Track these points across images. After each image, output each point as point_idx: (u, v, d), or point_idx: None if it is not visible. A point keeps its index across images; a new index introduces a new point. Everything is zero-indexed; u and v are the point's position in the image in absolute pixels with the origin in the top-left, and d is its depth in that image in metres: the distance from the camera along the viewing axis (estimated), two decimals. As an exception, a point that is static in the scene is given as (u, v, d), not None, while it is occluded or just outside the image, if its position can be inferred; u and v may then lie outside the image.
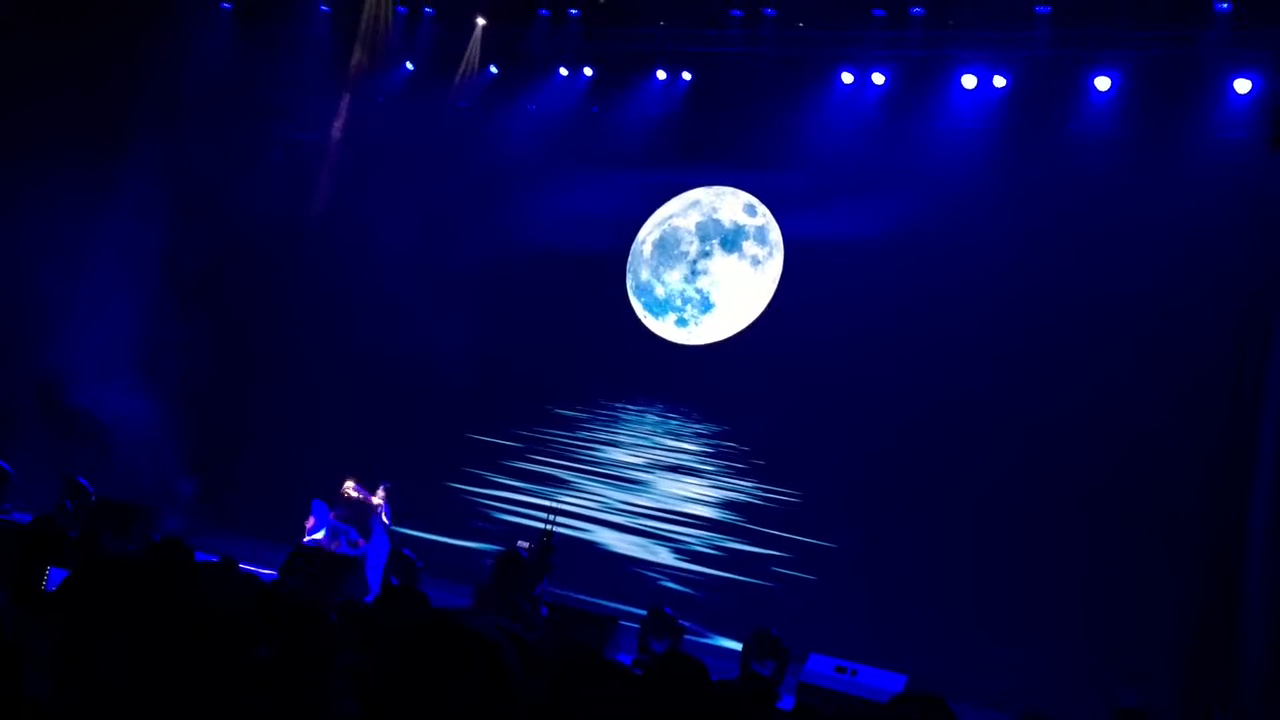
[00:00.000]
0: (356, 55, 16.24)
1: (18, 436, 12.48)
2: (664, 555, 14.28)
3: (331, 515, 13.02)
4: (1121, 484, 12.05)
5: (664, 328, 15.06)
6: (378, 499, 13.01)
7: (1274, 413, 11.31)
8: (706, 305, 14.87)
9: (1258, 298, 11.85)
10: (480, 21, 15.99)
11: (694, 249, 15.10)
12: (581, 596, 12.72)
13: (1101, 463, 12.19)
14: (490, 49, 16.11)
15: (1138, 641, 11.60)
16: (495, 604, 6.98)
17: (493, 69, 16.25)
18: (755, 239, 14.78)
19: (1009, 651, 11.90)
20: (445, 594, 10.63)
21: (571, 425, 15.26)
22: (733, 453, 14.34)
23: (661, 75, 15.39)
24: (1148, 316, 12.24)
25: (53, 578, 4.84)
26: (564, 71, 15.85)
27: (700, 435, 14.60)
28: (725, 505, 14.22)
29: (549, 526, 10.89)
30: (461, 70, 16.12)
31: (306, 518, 13.11)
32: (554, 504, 13.41)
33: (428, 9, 16.11)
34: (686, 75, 15.30)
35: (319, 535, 12.90)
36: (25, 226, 13.41)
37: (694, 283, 14.99)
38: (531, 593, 7.93)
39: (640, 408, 15.01)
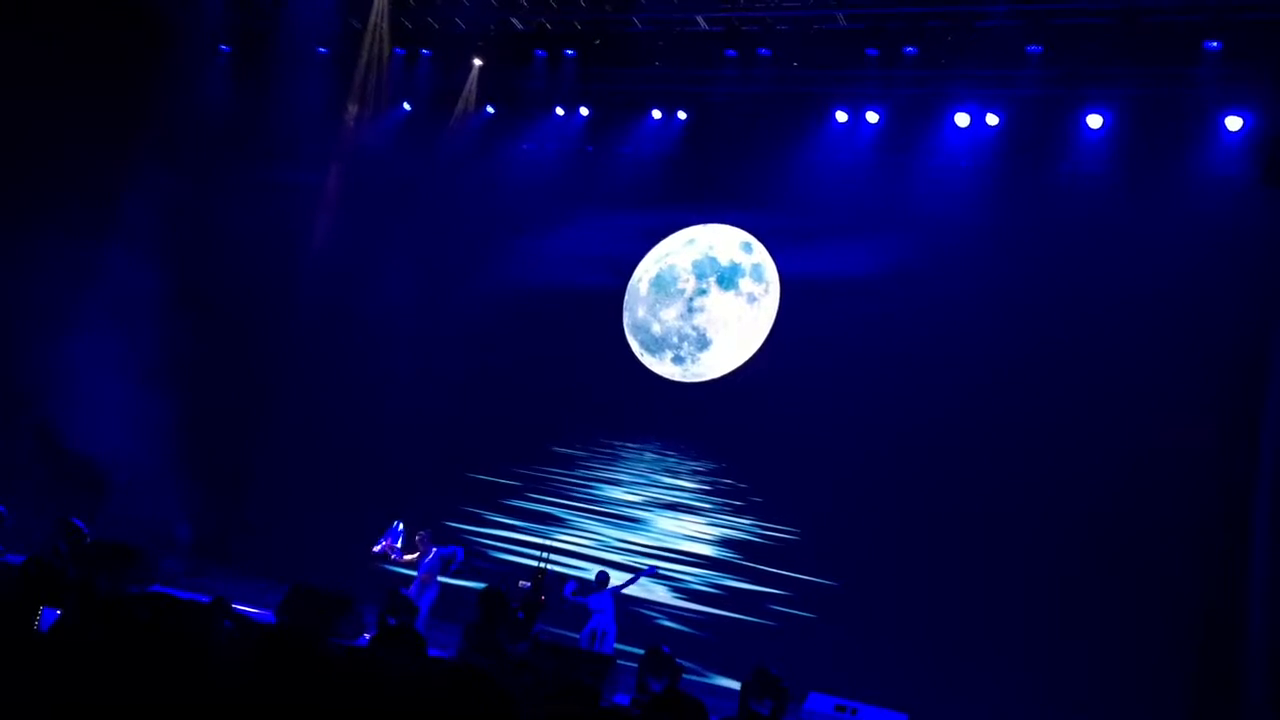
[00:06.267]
0: (354, 97, 16.35)
1: (13, 477, 12.42)
2: (662, 594, 14.21)
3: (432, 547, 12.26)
4: (1123, 516, 12.01)
5: (661, 365, 15.07)
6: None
7: (1272, 447, 11.30)
8: (703, 343, 14.88)
9: (1252, 331, 11.87)
10: (477, 62, 16.13)
11: (690, 286, 15.13)
12: (579, 635, 12.62)
13: (1101, 495, 12.16)
14: (487, 89, 16.24)
15: (1140, 677, 11.53)
16: (482, 642, 6.94)
17: (489, 109, 16.38)
18: (751, 276, 14.81)
19: (1009, 689, 11.81)
20: (440, 634, 10.57)
21: (570, 463, 15.22)
22: (730, 490, 14.31)
23: (657, 115, 15.49)
24: (1142, 351, 12.26)
25: (45, 618, 4.81)
26: (560, 111, 15.95)
27: (698, 472, 14.56)
28: (723, 543, 14.17)
29: (542, 565, 10.85)
30: (458, 111, 16.24)
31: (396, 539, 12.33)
32: (550, 543, 13.37)
33: (425, 50, 16.23)
34: (682, 115, 15.40)
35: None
36: (23, 267, 13.43)
37: (690, 320, 15.01)
38: (528, 632, 7.88)
39: (638, 445, 14.98)
